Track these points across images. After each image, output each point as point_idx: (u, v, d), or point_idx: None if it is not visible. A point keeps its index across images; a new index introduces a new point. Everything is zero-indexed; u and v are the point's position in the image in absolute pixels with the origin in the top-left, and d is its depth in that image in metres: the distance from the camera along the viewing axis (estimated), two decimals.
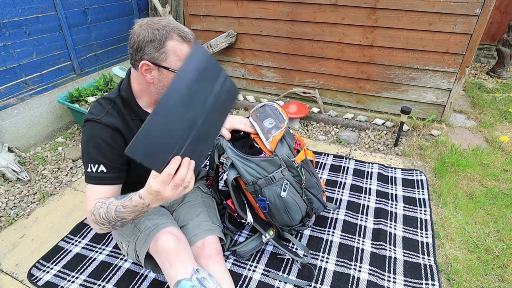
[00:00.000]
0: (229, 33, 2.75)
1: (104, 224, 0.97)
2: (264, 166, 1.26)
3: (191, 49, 1.01)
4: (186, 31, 1.01)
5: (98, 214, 0.97)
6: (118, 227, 0.99)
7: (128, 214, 0.94)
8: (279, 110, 1.39)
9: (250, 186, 1.28)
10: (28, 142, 2.40)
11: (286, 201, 1.33)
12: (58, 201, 1.89)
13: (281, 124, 1.33)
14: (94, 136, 1.02)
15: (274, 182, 1.27)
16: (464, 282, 1.39)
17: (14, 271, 1.46)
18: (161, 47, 0.98)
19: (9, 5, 2.17)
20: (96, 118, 1.03)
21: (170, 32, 0.98)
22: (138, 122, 1.11)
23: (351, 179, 2.02)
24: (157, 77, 1.03)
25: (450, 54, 2.26)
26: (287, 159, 1.29)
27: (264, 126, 1.31)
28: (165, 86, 1.05)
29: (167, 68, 1.00)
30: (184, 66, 0.81)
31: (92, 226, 1.01)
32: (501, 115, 2.79)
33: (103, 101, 1.10)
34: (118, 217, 0.95)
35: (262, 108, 1.41)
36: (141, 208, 0.92)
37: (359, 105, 2.73)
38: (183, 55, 1.00)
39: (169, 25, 0.99)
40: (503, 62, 3.55)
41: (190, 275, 1.05)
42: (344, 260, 1.47)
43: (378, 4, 2.24)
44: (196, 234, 1.26)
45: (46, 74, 2.51)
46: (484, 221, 1.70)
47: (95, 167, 1.02)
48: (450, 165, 2.09)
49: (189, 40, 1.01)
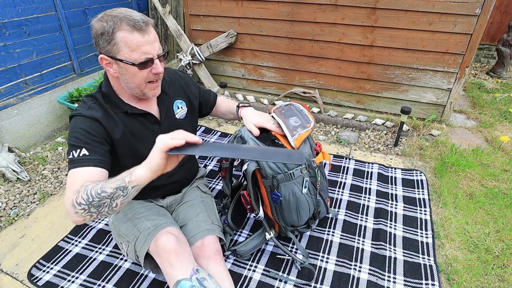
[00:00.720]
0: (229, 33, 2.75)
1: (82, 203, 0.87)
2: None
3: (143, 36, 0.96)
4: (136, 18, 0.96)
5: (84, 190, 0.88)
6: (93, 209, 0.89)
7: (111, 185, 0.88)
8: (305, 112, 1.42)
9: (269, 180, 1.29)
10: (28, 142, 2.40)
11: (300, 200, 1.34)
12: (58, 201, 1.89)
13: (307, 124, 1.36)
14: (75, 127, 1.03)
15: (292, 179, 1.28)
16: (464, 282, 1.39)
17: (14, 271, 1.46)
18: (112, 39, 0.96)
19: (9, 5, 2.17)
20: (78, 113, 1.06)
21: (117, 23, 0.94)
22: (122, 115, 1.12)
23: (351, 179, 2.02)
24: (118, 70, 1.02)
25: (450, 54, 2.26)
26: (308, 158, 1.32)
27: (289, 123, 1.34)
28: (129, 79, 1.03)
29: (122, 61, 0.98)
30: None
31: (68, 212, 0.90)
32: (501, 115, 2.79)
33: (86, 99, 1.13)
34: (100, 189, 0.87)
35: (287, 106, 1.44)
36: (126, 175, 0.88)
37: (359, 105, 2.73)
38: (134, 45, 0.96)
39: (119, 15, 0.95)
40: (503, 62, 3.55)
41: (190, 275, 1.05)
42: (344, 260, 1.47)
43: (378, 4, 2.24)
44: (196, 234, 1.26)
45: (46, 74, 2.51)
46: (484, 221, 1.69)
47: (77, 152, 0.98)
48: (450, 165, 2.09)
49: (139, 28, 0.95)
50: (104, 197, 0.88)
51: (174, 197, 1.41)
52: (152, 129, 1.19)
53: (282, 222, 1.42)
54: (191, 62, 2.90)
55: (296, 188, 1.31)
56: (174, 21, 2.89)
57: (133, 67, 0.99)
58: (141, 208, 1.29)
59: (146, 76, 1.04)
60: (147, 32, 0.98)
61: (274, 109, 1.41)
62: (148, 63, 1.01)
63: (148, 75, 1.04)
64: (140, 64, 0.99)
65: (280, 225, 1.44)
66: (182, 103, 1.30)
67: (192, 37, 3.00)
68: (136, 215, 1.26)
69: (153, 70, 1.03)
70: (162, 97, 1.21)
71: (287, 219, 1.40)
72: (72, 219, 0.91)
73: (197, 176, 1.56)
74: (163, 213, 1.31)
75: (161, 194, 1.37)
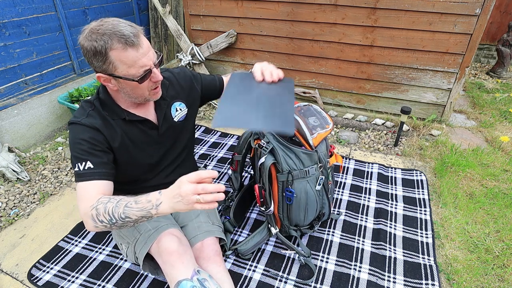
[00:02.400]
0: (229, 33, 2.75)
1: (104, 221, 0.92)
2: (303, 158, 1.30)
3: (137, 51, 0.95)
4: (127, 34, 0.92)
5: (103, 209, 0.92)
6: (115, 227, 0.95)
7: (136, 212, 0.90)
8: (324, 114, 1.46)
9: (284, 175, 1.29)
10: (28, 142, 2.40)
11: (310, 199, 1.36)
12: (58, 201, 1.89)
13: (326, 125, 1.39)
14: (76, 137, 1.03)
15: (307, 176, 1.31)
16: (464, 282, 1.39)
17: (14, 271, 1.46)
18: (106, 59, 0.94)
19: (9, 5, 2.17)
20: (77, 120, 1.05)
21: (108, 42, 0.92)
22: (120, 121, 1.12)
23: (351, 179, 2.02)
24: (117, 85, 1.03)
25: (450, 54, 2.26)
26: (323, 158, 1.35)
27: (308, 122, 1.36)
28: (130, 91, 1.04)
29: (121, 77, 0.98)
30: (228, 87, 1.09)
31: (86, 222, 0.95)
32: (501, 115, 2.79)
33: (84, 104, 1.12)
34: (124, 214, 0.91)
35: (305, 106, 1.47)
36: (150, 207, 0.89)
37: (359, 105, 2.73)
38: (130, 61, 0.95)
39: (107, 32, 0.92)
40: (503, 62, 3.55)
41: (191, 275, 1.05)
42: (344, 260, 1.47)
43: (378, 4, 2.24)
44: (196, 236, 1.26)
45: (46, 74, 2.51)
46: (484, 221, 1.70)
47: (82, 164, 1.00)
48: (450, 165, 2.09)
49: (131, 43, 0.93)
50: (128, 221, 0.93)
51: None
52: (151, 135, 1.19)
53: (286, 221, 1.43)
54: (191, 62, 2.90)
55: (308, 186, 1.33)
56: (174, 21, 2.89)
57: (133, 82, 1.00)
58: None
59: (147, 85, 1.04)
60: (140, 45, 0.96)
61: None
62: (147, 75, 1.00)
63: (149, 85, 1.04)
64: (140, 78, 0.99)
65: (284, 223, 1.44)
66: (182, 105, 1.28)
67: (192, 37, 3.00)
68: None
69: (152, 79, 1.03)
70: (159, 102, 1.20)
71: (293, 218, 1.41)
72: (88, 227, 0.97)
73: None
74: None
75: None
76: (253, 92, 1.07)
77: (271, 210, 1.38)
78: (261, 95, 1.06)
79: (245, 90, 1.08)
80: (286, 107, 1.02)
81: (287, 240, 1.46)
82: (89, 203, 0.95)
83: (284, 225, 1.45)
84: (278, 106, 1.03)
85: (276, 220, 1.46)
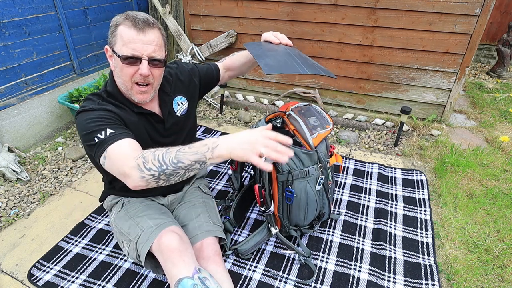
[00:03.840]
0: (229, 33, 2.75)
1: (152, 169, 0.86)
2: (303, 158, 1.30)
3: (138, 35, 1.00)
4: (140, 17, 1.01)
5: (152, 156, 0.87)
6: (163, 176, 0.88)
7: (189, 157, 0.86)
8: (324, 113, 1.45)
9: (284, 175, 1.29)
10: (28, 142, 2.40)
11: (310, 199, 1.36)
12: (58, 201, 1.89)
13: (326, 125, 1.39)
14: (88, 118, 1.02)
15: (307, 176, 1.30)
16: (464, 282, 1.39)
17: (14, 271, 1.46)
18: (114, 31, 1.02)
19: (9, 5, 2.17)
20: (89, 108, 1.05)
21: (123, 18, 1.01)
22: (130, 112, 1.13)
23: (351, 179, 2.02)
24: (113, 63, 1.07)
25: (450, 54, 2.26)
26: (323, 158, 1.35)
27: (308, 122, 1.36)
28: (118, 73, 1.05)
29: (114, 52, 1.03)
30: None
31: (130, 175, 0.88)
32: (501, 115, 2.79)
33: (92, 96, 1.13)
34: (176, 158, 0.87)
35: (305, 106, 1.47)
36: (206, 150, 0.86)
37: (359, 105, 2.73)
38: (127, 40, 1.00)
39: (130, 13, 1.02)
40: (503, 62, 3.55)
41: (192, 274, 1.05)
42: (344, 260, 1.47)
43: (378, 4, 2.24)
44: (196, 235, 1.26)
45: (46, 74, 2.51)
46: (484, 221, 1.70)
47: (103, 133, 0.96)
48: (450, 165, 2.09)
49: (138, 26, 0.99)
50: (180, 167, 0.87)
51: (175, 195, 1.41)
52: (157, 128, 1.22)
53: (286, 221, 1.42)
54: (191, 62, 2.90)
55: (308, 186, 1.32)
56: (174, 21, 2.89)
57: (120, 60, 1.02)
58: (143, 207, 1.29)
59: (132, 74, 1.04)
60: (144, 32, 1.00)
61: (292, 108, 1.43)
62: (132, 60, 1.01)
63: (134, 75, 1.04)
64: (124, 58, 1.00)
65: (284, 223, 1.44)
66: (183, 99, 1.31)
67: (192, 37, 3.00)
68: (138, 214, 1.26)
69: (138, 71, 1.03)
70: (163, 97, 1.23)
71: (293, 218, 1.41)
72: (133, 183, 0.89)
73: (198, 175, 1.56)
74: (164, 211, 1.31)
75: (162, 192, 1.38)
76: (279, 50, 1.13)
77: (271, 210, 1.37)
78: (288, 52, 1.12)
79: (270, 49, 1.14)
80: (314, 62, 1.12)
81: (287, 240, 1.46)
82: (129, 157, 0.89)
83: (284, 225, 1.45)
84: (308, 60, 1.12)
85: (276, 220, 1.46)
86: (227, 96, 3.05)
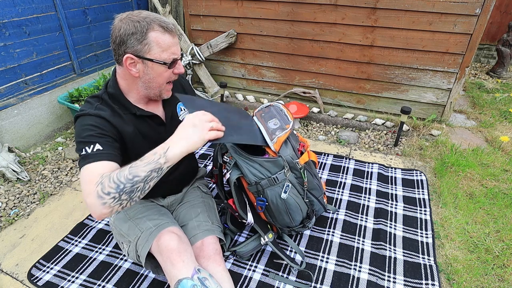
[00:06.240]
0: (229, 33, 2.75)
1: (111, 192, 0.84)
2: (268, 166, 1.25)
3: (173, 38, 1.02)
4: (167, 21, 1.02)
5: (108, 180, 0.85)
6: (125, 196, 0.86)
7: (143, 168, 0.86)
8: (285, 111, 1.40)
9: (253, 187, 1.28)
10: (28, 142, 2.40)
11: (288, 202, 1.32)
12: (58, 201, 1.89)
13: (286, 125, 1.32)
14: (84, 125, 1.02)
15: (277, 183, 1.26)
16: (464, 282, 1.39)
17: (14, 271, 1.46)
18: (144, 39, 0.98)
19: (9, 5, 2.16)
20: (86, 112, 1.05)
21: (151, 23, 0.98)
22: (130, 115, 1.12)
23: (351, 179, 2.02)
24: (142, 70, 1.04)
25: (450, 54, 2.26)
26: (290, 160, 1.29)
27: (268, 126, 1.31)
28: (152, 79, 1.06)
29: (152, 60, 1.01)
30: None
31: (92, 205, 0.85)
32: (501, 115, 2.79)
33: (91, 99, 1.12)
34: (131, 174, 0.85)
35: (267, 108, 1.41)
36: (158, 157, 0.86)
37: (359, 105, 2.73)
38: (166, 45, 1.01)
39: (149, 16, 1.00)
40: (503, 62, 3.55)
41: (191, 274, 1.05)
42: (344, 260, 1.47)
43: (378, 4, 2.24)
44: (196, 235, 1.26)
45: (46, 74, 2.51)
46: (484, 221, 1.70)
47: (91, 147, 0.96)
48: (450, 165, 2.09)
49: (170, 30, 1.01)
50: (137, 181, 0.86)
51: (175, 196, 1.41)
52: (158, 131, 1.20)
53: (277, 224, 1.42)
54: (191, 62, 2.90)
55: (282, 191, 1.28)
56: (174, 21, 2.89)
57: (162, 66, 1.03)
58: (142, 208, 1.29)
59: (169, 76, 1.08)
60: (173, 35, 1.03)
61: (255, 112, 1.40)
62: (175, 63, 1.06)
63: (170, 75, 1.08)
64: (170, 63, 1.04)
65: (277, 226, 1.44)
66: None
67: (192, 37, 3.00)
68: (137, 215, 1.26)
69: (175, 70, 1.08)
70: (168, 99, 1.22)
71: (280, 221, 1.40)
72: (97, 213, 0.85)
73: (197, 176, 1.56)
74: (164, 212, 1.31)
75: (162, 193, 1.38)
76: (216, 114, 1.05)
77: (249, 222, 1.34)
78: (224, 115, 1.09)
79: (203, 106, 1.09)
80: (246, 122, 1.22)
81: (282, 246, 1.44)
82: (93, 183, 0.88)
83: (278, 228, 1.45)
84: (242, 123, 1.20)
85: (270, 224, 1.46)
86: (227, 96, 3.05)
